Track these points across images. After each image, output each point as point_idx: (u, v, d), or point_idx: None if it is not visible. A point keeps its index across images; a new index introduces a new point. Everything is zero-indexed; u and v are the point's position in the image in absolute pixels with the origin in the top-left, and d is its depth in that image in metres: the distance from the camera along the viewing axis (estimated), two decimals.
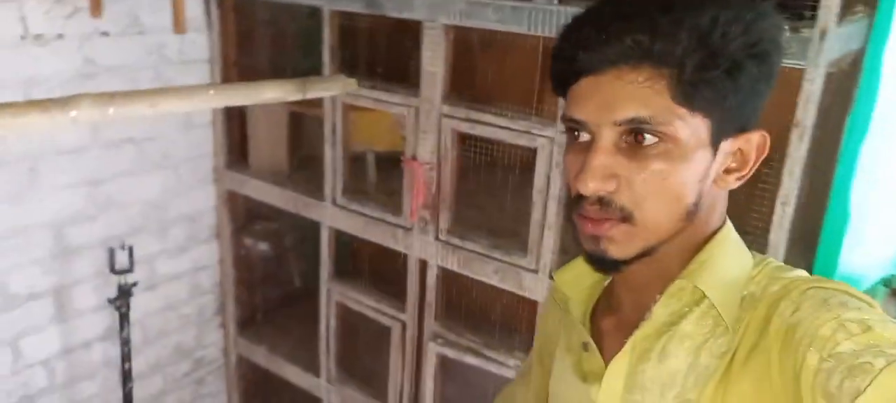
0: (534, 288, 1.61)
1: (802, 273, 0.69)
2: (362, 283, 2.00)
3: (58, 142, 1.77)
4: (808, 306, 0.60)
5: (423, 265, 1.79)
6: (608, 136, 0.65)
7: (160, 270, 2.13)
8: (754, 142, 0.68)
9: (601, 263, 0.70)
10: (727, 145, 0.67)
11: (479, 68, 1.80)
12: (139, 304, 2.05)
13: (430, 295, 1.80)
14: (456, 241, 1.72)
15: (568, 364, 0.80)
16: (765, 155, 0.69)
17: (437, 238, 1.74)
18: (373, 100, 1.75)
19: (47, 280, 1.84)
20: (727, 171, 0.68)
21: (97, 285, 1.95)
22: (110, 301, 1.87)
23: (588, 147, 0.66)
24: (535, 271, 1.60)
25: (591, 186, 0.65)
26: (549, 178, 1.52)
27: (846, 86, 1.61)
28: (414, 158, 1.71)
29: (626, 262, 0.68)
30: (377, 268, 2.05)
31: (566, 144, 0.72)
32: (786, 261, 1.31)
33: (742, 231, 0.77)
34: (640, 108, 0.63)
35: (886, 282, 1.65)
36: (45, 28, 1.66)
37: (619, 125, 0.64)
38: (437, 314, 1.81)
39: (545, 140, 1.50)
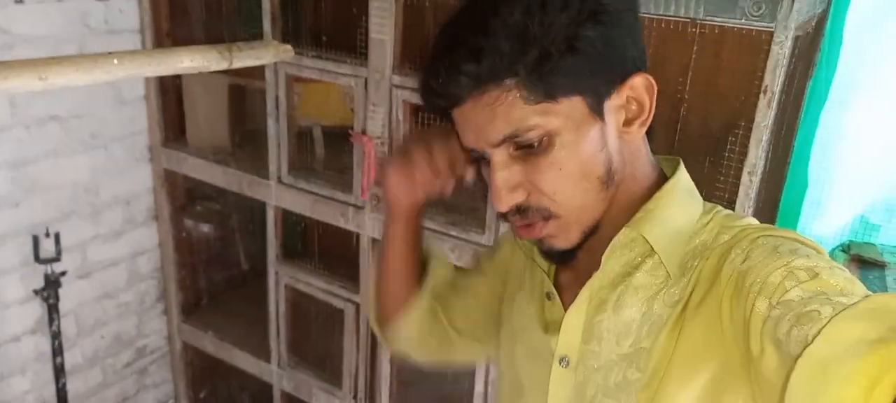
0: None
1: (753, 220, 0.70)
2: (313, 265, 1.90)
3: None
4: (758, 253, 0.61)
5: (377, 244, 1.71)
6: (498, 155, 0.66)
7: (94, 257, 1.99)
8: (639, 86, 0.67)
9: (554, 256, 0.73)
10: (611, 103, 0.66)
11: (432, 35, 1.70)
12: (72, 293, 1.92)
13: None
14: None
15: (531, 313, 0.82)
16: (656, 90, 0.67)
17: None
18: (318, 70, 1.64)
19: None
20: (628, 123, 0.68)
21: (24, 275, 1.80)
22: (36, 291, 1.73)
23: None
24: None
25: (503, 203, 0.67)
26: None
27: (809, 51, 1.58)
28: (363, 133, 1.61)
29: (577, 247, 0.71)
30: (328, 249, 1.96)
31: (480, 165, 0.73)
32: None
33: (707, 200, 0.73)
34: (504, 126, 0.64)
35: (845, 248, 1.65)
36: None
37: (498, 144, 0.66)
38: None
39: None
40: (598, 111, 0.66)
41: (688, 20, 1.19)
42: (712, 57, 1.36)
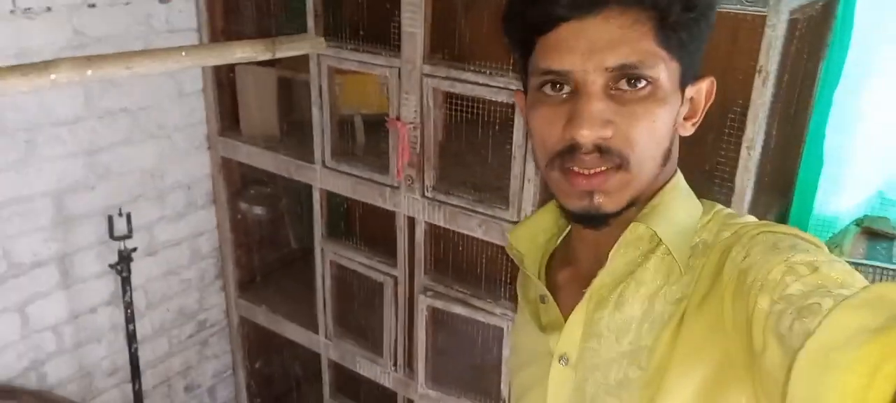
0: None
1: (752, 218, 0.70)
2: (355, 242, 2.06)
3: (53, 113, 1.82)
4: (759, 250, 0.61)
5: (412, 221, 1.85)
6: (598, 82, 0.63)
7: (160, 236, 2.19)
8: (704, 88, 0.71)
9: (591, 219, 0.69)
10: (689, 90, 0.69)
11: (458, 28, 1.84)
12: (141, 270, 2.12)
13: (419, 251, 1.87)
14: (441, 197, 1.77)
15: (527, 316, 0.82)
16: (712, 100, 0.71)
17: (423, 195, 1.80)
18: (356, 62, 1.79)
19: (50, 247, 1.91)
20: (685, 118, 0.70)
21: (99, 252, 2.02)
22: (111, 266, 1.94)
23: (571, 98, 0.65)
24: (517, 222, 1.65)
25: (588, 134, 0.63)
26: (526, 133, 1.57)
27: (819, 33, 1.64)
28: (398, 118, 1.75)
29: (617, 214, 0.68)
30: (369, 227, 2.11)
31: (533, 100, 0.69)
32: (753, 204, 1.37)
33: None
34: (630, 53, 0.62)
35: (858, 222, 1.70)
36: (33, 2, 1.70)
37: (610, 71, 0.63)
38: (426, 268, 1.88)
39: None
40: (682, 89, 0.67)
41: None
42: (712, 39, 1.45)
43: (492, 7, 1.76)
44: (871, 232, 1.64)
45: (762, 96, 1.27)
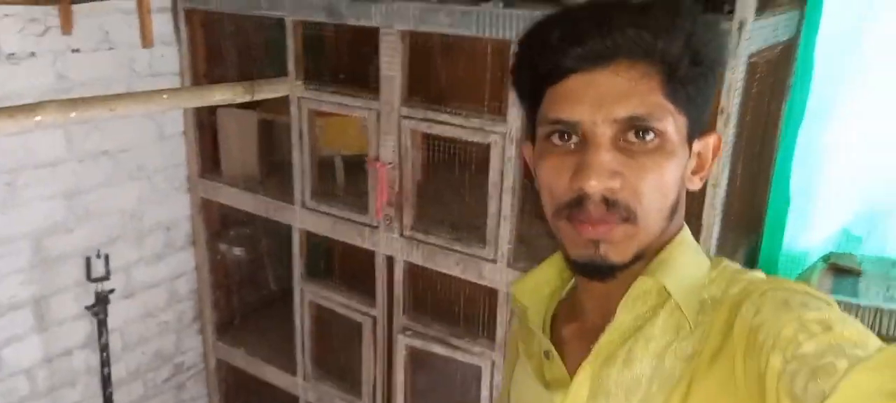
0: (493, 277, 1.69)
1: (760, 274, 0.69)
2: (334, 282, 2.07)
3: (35, 155, 1.83)
4: (769, 308, 0.61)
5: (390, 261, 1.87)
6: (607, 134, 0.63)
7: (138, 278, 2.19)
8: (711, 143, 0.71)
9: (596, 270, 0.68)
10: (696, 144, 0.69)
11: (435, 71, 1.89)
12: (118, 312, 2.11)
13: (398, 290, 1.88)
14: (420, 236, 1.80)
15: (529, 371, 0.79)
16: (719, 155, 0.72)
17: (401, 234, 1.82)
18: (336, 104, 1.83)
19: (27, 290, 1.90)
20: (693, 172, 0.70)
21: (77, 294, 2.01)
22: (88, 308, 1.94)
23: (579, 149, 0.65)
24: (494, 261, 1.68)
25: (596, 184, 0.63)
26: (502, 172, 1.61)
27: (781, 74, 1.71)
28: (377, 159, 1.79)
29: (623, 267, 0.67)
30: (348, 267, 2.13)
31: (541, 150, 0.69)
32: (721, 240, 1.41)
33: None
34: (639, 105, 0.63)
35: (825, 259, 1.75)
36: (17, 47, 1.73)
37: (618, 122, 0.63)
38: (404, 307, 1.90)
39: (497, 136, 1.59)
40: (689, 143, 0.67)
41: None
42: None
43: (467, 52, 1.82)
44: (837, 268, 1.68)
45: (725, 136, 1.32)
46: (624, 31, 0.62)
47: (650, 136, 0.63)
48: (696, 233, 1.39)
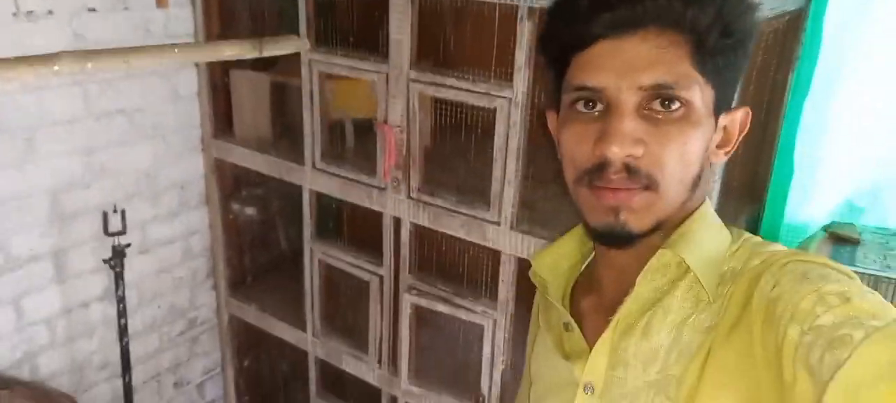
0: (496, 239, 1.73)
1: (780, 247, 0.70)
2: (343, 242, 2.12)
3: (52, 113, 1.88)
4: (788, 280, 0.61)
5: (397, 222, 1.92)
6: (631, 101, 0.63)
7: (153, 235, 2.25)
8: (738, 118, 0.71)
9: (616, 238, 0.68)
10: (723, 119, 0.69)
11: (443, 35, 1.91)
12: (134, 267, 2.18)
13: (405, 250, 1.93)
14: (426, 198, 1.84)
15: (549, 344, 0.81)
16: (746, 131, 0.71)
17: (408, 196, 1.86)
18: (346, 67, 1.86)
19: (46, 243, 1.96)
20: (718, 146, 0.70)
21: (94, 247, 2.07)
22: (105, 261, 2.00)
23: (603, 116, 0.65)
24: (498, 223, 1.72)
25: (618, 151, 0.63)
26: (507, 136, 1.64)
27: (788, 45, 1.72)
28: (385, 122, 1.82)
29: (642, 235, 0.68)
30: (357, 228, 2.18)
31: (565, 117, 0.69)
32: (720, 208, 1.44)
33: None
34: (666, 73, 0.62)
35: (826, 228, 1.77)
36: (35, 5, 1.76)
37: (644, 90, 0.63)
38: (410, 267, 1.94)
39: (503, 100, 1.61)
40: (715, 115, 0.67)
41: None
42: None
43: (475, 16, 1.84)
44: (836, 236, 1.71)
45: None
46: None
47: (676, 105, 0.63)
48: None
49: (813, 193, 1.85)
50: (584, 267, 0.84)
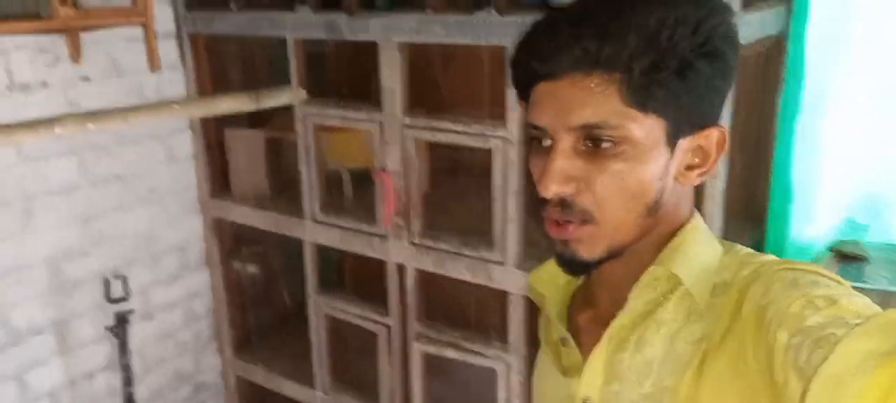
0: (502, 279, 1.72)
1: (771, 256, 0.70)
2: (347, 294, 2.10)
3: (49, 181, 1.88)
4: (778, 287, 0.62)
5: (401, 269, 1.90)
6: (566, 140, 0.66)
7: (155, 299, 2.23)
8: (714, 138, 0.69)
9: (570, 265, 0.72)
10: (686, 143, 0.68)
11: (434, 80, 1.93)
12: (137, 333, 2.15)
13: (410, 297, 1.91)
14: (429, 243, 1.83)
15: (548, 360, 0.82)
16: (725, 150, 0.70)
17: (410, 242, 1.85)
18: (340, 118, 1.87)
19: (47, 314, 1.94)
20: (689, 168, 0.70)
21: (96, 316, 2.05)
22: (108, 329, 1.98)
23: (549, 151, 0.68)
24: (502, 263, 1.71)
25: (551, 189, 0.67)
26: (505, 175, 1.64)
27: (773, 68, 1.74)
28: (383, 169, 1.82)
29: (595, 263, 0.70)
30: (360, 278, 2.16)
31: (528, 149, 0.73)
32: (724, 231, 1.43)
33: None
34: (592, 114, 0.64)
35: (831, 247, 1.76)
36: (30, 77, 1.78)
37: (574, 131, 0.66)
38: (418, 314, 1.92)
39: (498, 140, 1.62)
40: (671, 143, 0.67)
41: None
42: None
43: (465, 60, 1.86)
44: (842, 254, 1.70)
45: None
46: (571, 46, 0.65)
47: (606, 144, 0.65)
48: None
49: (814, 213, 1.85)
50: (580, 281, 0.85)
